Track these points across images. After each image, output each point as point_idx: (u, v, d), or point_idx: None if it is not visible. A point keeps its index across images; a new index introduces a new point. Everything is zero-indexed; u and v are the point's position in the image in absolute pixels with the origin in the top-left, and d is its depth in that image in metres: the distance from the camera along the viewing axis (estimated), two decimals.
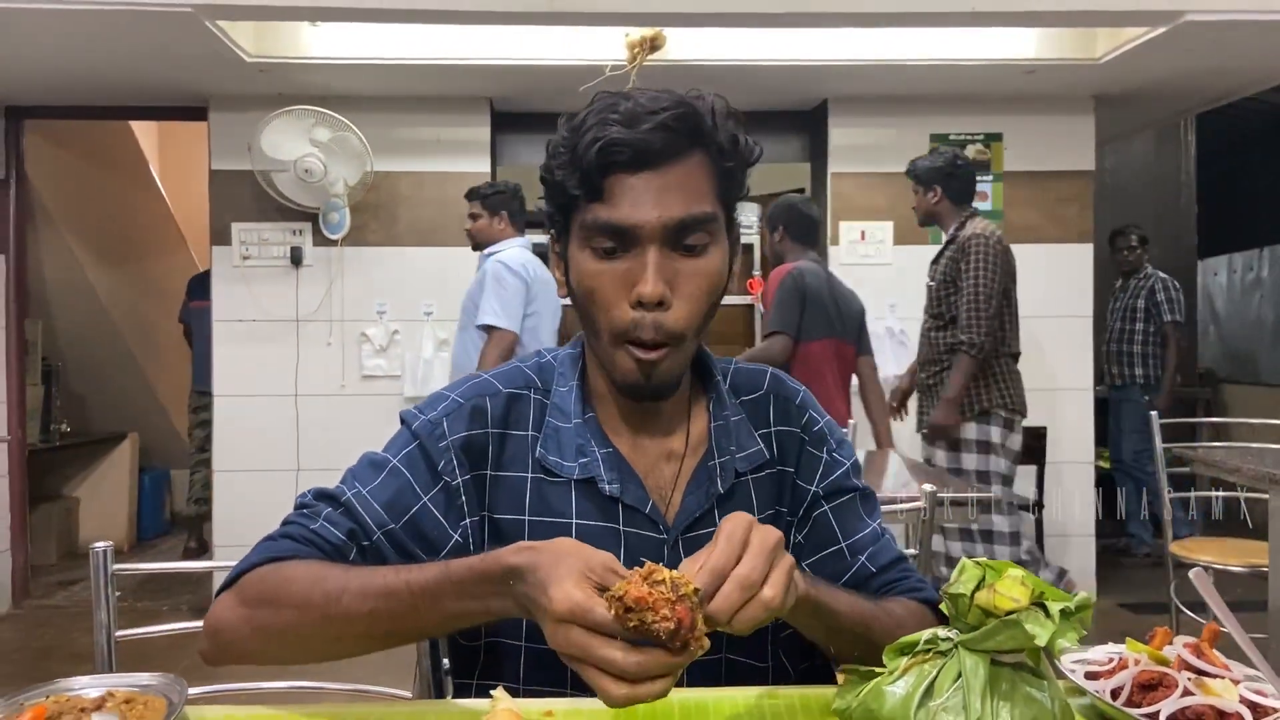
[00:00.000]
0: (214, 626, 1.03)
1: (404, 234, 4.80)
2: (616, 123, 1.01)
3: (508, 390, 1.14)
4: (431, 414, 1.12)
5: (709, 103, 1.06)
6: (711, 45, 4.25)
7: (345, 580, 0.96)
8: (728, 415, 1.16)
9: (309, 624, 0.97)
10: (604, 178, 1.02)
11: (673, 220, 1.02)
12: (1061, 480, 4.88)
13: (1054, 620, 0.83)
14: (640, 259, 1.02)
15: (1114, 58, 4.17)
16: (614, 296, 1.04)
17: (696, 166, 1.05)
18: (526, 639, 1.08)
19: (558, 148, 1.06)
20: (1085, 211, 4.92)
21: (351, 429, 4.62)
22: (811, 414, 1.21)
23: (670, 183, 1.02)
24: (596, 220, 1.03)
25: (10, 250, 4.83)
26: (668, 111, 1.02)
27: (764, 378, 1.22)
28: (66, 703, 0.91)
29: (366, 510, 1.06)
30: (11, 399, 4.84)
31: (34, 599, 4.96)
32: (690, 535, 1.10)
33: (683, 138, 1.03)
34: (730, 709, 0.96)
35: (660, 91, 1.05)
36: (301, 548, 1.04)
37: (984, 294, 3.67)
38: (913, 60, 4.31)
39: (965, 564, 0.88)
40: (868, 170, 4.89)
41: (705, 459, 1.13)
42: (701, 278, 1.05)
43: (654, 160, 1.02)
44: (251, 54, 4.11)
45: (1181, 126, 7.02)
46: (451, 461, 1.09)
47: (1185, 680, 0.89)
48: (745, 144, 1.09)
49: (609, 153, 1.01)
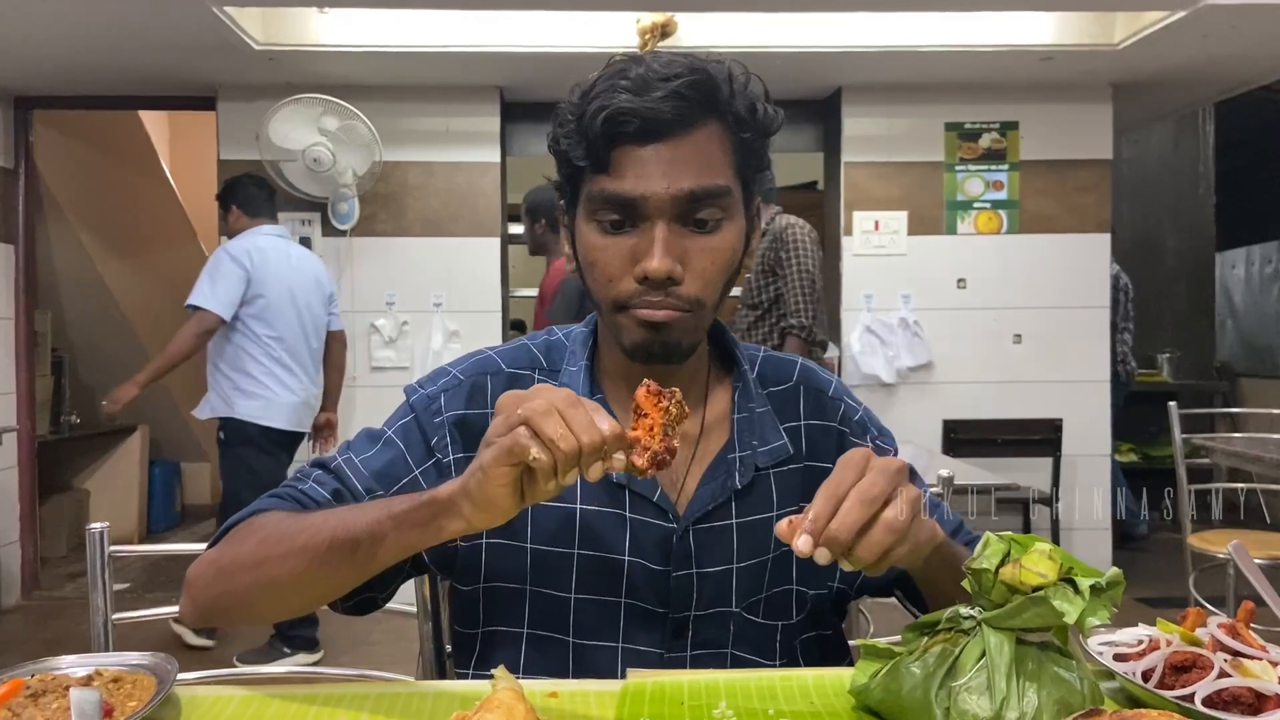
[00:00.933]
0: (187, 579, 1.02)
1: (413, 224, 4.77)
2: (625, 90, 0.96)
3: (510, 370, 1.10)
4: (430, 388, 1.09)
5: (726, 68, 1.01)
6: (723, 31, 4.21)
7: (310, 518, 0.95)
8: (753, 407, 1.10)
9: (271, 558, 0.94)
10: (610, 149, 0.97)
11: (682, 192, 0.96)
12: (1077, 472, 4.82)
13: (1083, 597, 0.78)
14: (647, 234, 0.97)
15: (1132, 44, 4.11)
16: (617, 270, 0.99)
17: (711, 137, 0.99)
18: (529, 625, 1.05)
19: (565, 115, 1.01)
20: (1103, 201, 4.86)
21: (361, 420, 4.59)
22: (848, 404, 1.17)
23: (681, 154, 0.97)
24: (603, 192, 0.98)
25: (19, 241, 4.82)
26: (681, 79, 0.96)
27: (794, 369, 1.17)
28: (52, 680, 0.88)
29: (355, 475, 1.04)
30: (21, 390, 4.84)
31: (44, 590, 4.95)
32: (702, 527, 1.05)
33: (696, 106, 0.97)
34: (742, 689, 0.92)
35: (676, 55, 0.99)
36: (284, 503, 1.03)
37: (807, 278, 3.81)
38: (927, 47, 4.26)
39: (990, 538, 0.84)
40: (882, 160, 4.84)
41: (725, 450, 1.08)
42: (713, 253, 0.99)
43: (664, 131, 0.96)
44: (260, 42, 4.08)
45: (1200, 115, 6.94)
46: (445, 438, 1.06)
47: (1221, 661, 0.84)
48: (765, 112, 1.02)
49: (615, 122, 0.96)
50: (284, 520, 0.98)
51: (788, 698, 0.91)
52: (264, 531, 0.98)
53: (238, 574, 0.97)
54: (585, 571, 1.04)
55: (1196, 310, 7.16)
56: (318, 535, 0.92)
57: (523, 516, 1.02)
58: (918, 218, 4.82)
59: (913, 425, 4.68)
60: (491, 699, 0.81)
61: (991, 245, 4.83)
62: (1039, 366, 4.83)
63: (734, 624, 1.06)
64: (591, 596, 1.04)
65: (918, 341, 4.77)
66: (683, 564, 1.04)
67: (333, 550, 0.91)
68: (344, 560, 0.91)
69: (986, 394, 4.82)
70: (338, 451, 1.09)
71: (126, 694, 0.87)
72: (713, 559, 1.05)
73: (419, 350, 4.72)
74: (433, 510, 0.86)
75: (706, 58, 1.00)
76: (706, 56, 1.01)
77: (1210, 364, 6.93)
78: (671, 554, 1.04)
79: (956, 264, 4.82)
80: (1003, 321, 4.83)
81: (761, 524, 1.07)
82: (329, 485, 1.04)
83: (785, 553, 1.07)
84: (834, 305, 4.93)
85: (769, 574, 1.08)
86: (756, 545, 1.07)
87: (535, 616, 1.05)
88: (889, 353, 4.75)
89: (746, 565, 1.07)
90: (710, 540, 1.05)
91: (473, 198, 4.78)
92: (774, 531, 0.84)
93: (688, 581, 1.04)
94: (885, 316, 4.78)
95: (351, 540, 0.90)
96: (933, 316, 4.79)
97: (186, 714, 0.89)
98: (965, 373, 4.83)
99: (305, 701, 0.91)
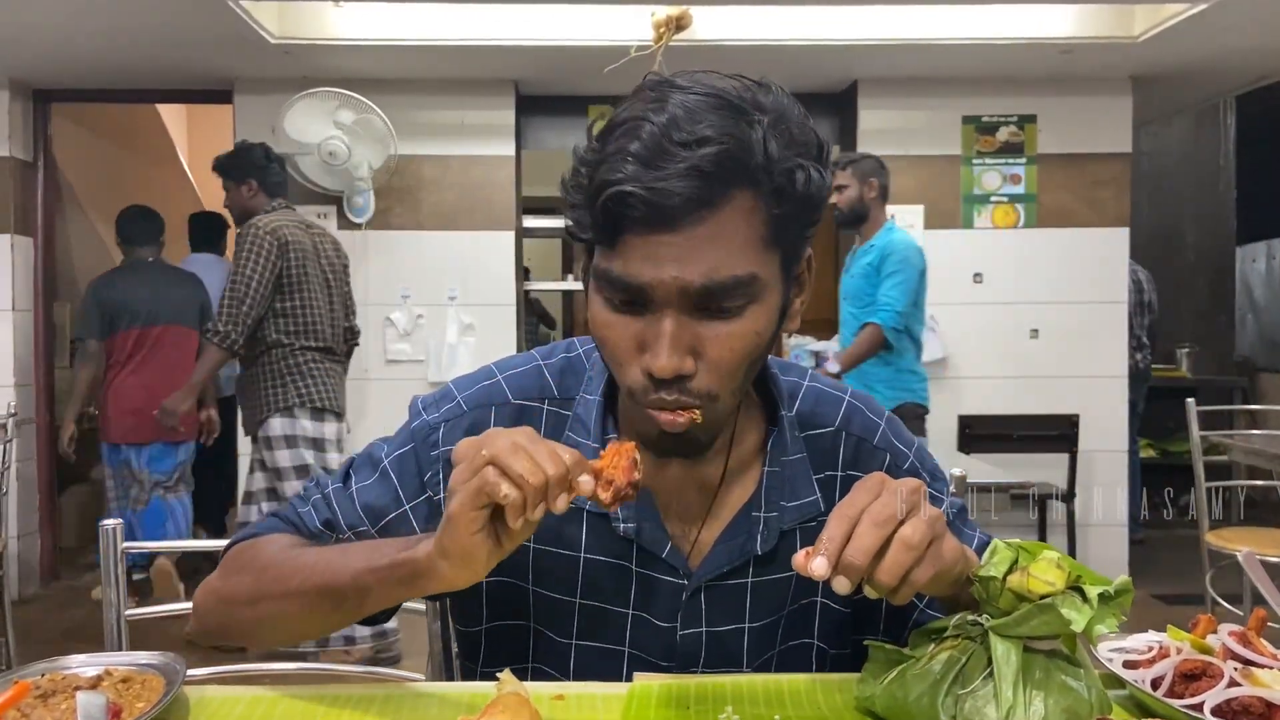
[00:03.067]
0: (194, 603, 1.03)
1: (428, 218, 4.77)
2: (634, 160, 0.81)
3: (518, 401, 1.02)
4: (433, 415, 1.03)
5: (762, 128, 0.83)
6: (739, 25, 4.19)
7: (303, 558, 0.95)
8: (786, 460, 1.00)
9: (267, 596, 0.95)
10: (616, 231, 0.84)
11: (693, 287, 0.83)
12: (1094, 469, 4.78)
13: (1091, 605, 0.78)
14: (655, 325, 0.85)
15: (1152, 36, 4.07)
16: (625, 355, 0.88)
17: (737, 212, 0.83)
18: (533, 661, 1.02)
19: (576, 171, 0.87)
20: (1122, 195, 4.82)
21: (376, 413, 4.61)
22: (896, 449, 1.06)
23: (697, 241, 0.82)
24: (609, 273, 0.85)
25: (38, 234, 4.86)
26: (705, 147, 0.80)
27: (839, 409, 1.05)
28: (62, 680, 0.89)
29: (346, 510, 1.02)
30: (39, 382, 4.88)
31: (62, 580, 5.00)
32: (715, 585, 0.98)
33: (718, 183, 0.81)
34: (749, 693, 0.92)
35: (707, 99, 0.83)
36: (284, 525, 1.03)
37: (241, 284, 3.42)
38: (945, 40, 4.23)
39: (997, 545, 0.83)
40: (898, 153, 4.80)
41: (750, 506, 0.99)
42: (731, 341, 0.86)
43: (676, 217, 0.81)
44: (275, 35, 4.09)
45: (1221, 108, 6.86)
46: (438, 475, 1.01)
47: (1231, 670, 0.84)
48: (810, 179, 0.85)
49: (620, 203, 0.81)
50: (280, 555, 0.97)
51: (794, 702, 0.91)
52: (261, 563, 0.98)
53: (237, 608, 0.98)
54: (587, 620, 1.00)
55: (1216, 305, 7.09)
56: (308, 581, 0.92)
57: (523, 559, 0.99)
58: (934, 211, 4.79)
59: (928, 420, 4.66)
60: (496, 702, 0.81)
61: (1008, 239, 4.80)
62: (1056, 362, 4.80)
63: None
64: (594, 644, 1.00)
65: (933, 336, 4.73)
66: (691, 623, 0.99)
67: (322, 598, 0.92)
68: (334, 608, 0.92)
69: (1003, 389, 4.79)
70: (340, 471, 1.07)
71: (135, 694, 0.88)
72: (724, 619, 1.00)
73: (433, 344, 4.73)
74: (411, 571, 0.85)
75: (744, 103, 0.84)
76: (746, 98, 0.85)
77: (1230, 359, 6.87)
78: (680, 612, 0.99)
79: (973, 258, 4.80)
80: (1019, 316, 4.80)
81: (781, 583, 1.00)
82: (322, 514, 1.02)
83: (803, 607, 1.02)
84: None
85: (782, 630, 1.02)
86: (772, 604, 1.01)
87: (539, 654, 1.02)
88: None
89: (760, 625, 1.01)
90: (723, 599, 0.99)
91: (488, 191, 4.78)
92: (792, 565, 0.80)
93: (695, 640, 0.99)
94: None
95: (339, 591, 0.90)
96: (949, 311, 4.76)
97: (195, 714, 0.89)
98: (981, 368, 4.80)
99: (313, 702, 0.92)
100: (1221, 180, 7.04)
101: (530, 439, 0.79)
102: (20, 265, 4.73)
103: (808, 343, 4.86)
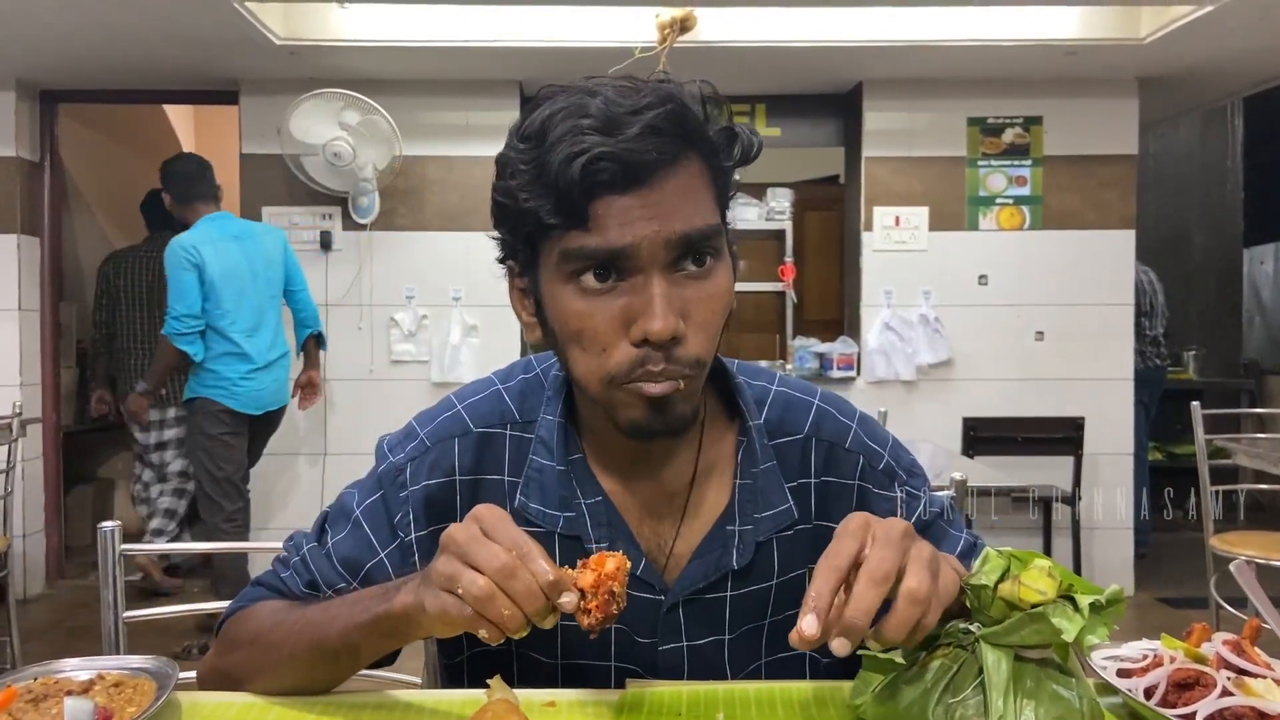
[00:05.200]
0: (197, 678, 1.04)
1: (433, 219, 4.78)
2: (592, 130, 0.82)
3: (479, 430, 1.01)
4: (398, 456, 1.02)
5: (695, 92, 0.88)
6: (743, 26, 4.18)
7: (291, 621, 0.95)
8: (757, 472, 1.00)
9: (265, 666, 0.96)
10: (587, 200, 0.83)
11: (675, 236, 0.85)
12: (1099, 472, 4.77)
13: (1083, 614, 0.77)
14: (643, 290, 0.85)
15: (1159, 37, 4.06)
16: (610, 337, 0.87)
17: (692, 171, 0.87)
18: (517, 644, 1.00)
19: (516, 167, 0.86)
20: (1127, 197, 4.80)
21: (380, 414, 4.61)
22: (868, 453, 1.05)
23: (668, 195, 0.85)
24: (583, 249, 0.85)
25: (44, 234, 4.87)
26: (653, 110, 0.84)
27: (808, 414, 1.04)
28: (54, 685, 0.89)
29: (323, 569, 1.02)
30: (46, 381, 4.89)
31: (68, 579, 5.02)
32: (692, 600, 0.99)
33: (675, 140, 0.85)
34: (741, 700, 0.92)
35: (631, 82, 0.87)
36: (269, 594, 1.04)
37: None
38: (950, 41, 4.22)
39: (989, 554, 0.83)
40: (903, 155, 4.81)
41: (724, 519, 0.99)
42: (713, 301, 0.88)
43: (646, 173, 0.84)
44: (281, 37, 4.10)
45: (1229, 110, 6.84)
46: (408, 515, 1.00)
47: (1224, 679, 0.83)
48: (745, 137, 0.91)
49: (591, 170, 0.82)
50: (269, 623, 0.97)
51: (786, 710, 0.91)
52: (251, 635, 0.98)
53: (242, 681, 0.98)
54: (570, 641, 1.00)
55: (1223, 307, 7.07)
56: (298, 646, 0.92)
57: None
58: (939, 213, 4.78)
59: (932, 423, 4.65)
60: (486, 710, 0.81)
61: (1014, 241, 4.79)
62: (1061, 364, 4.79)
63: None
64: (578, 662, 1.00)
65: (938, 338, 4.74)
66: (671, 638, 0.99)
67: (317, 660, 0.92)
68: (330, 666, 0.93)
69: (1007, 392, 4.78)
70: (315, 527, 1.06)
71: (127, 699, 0.88)
72: (703, 632, 1.00)
73: (437, 344, 4.73)
74: (391, 625, 0.86)
75: (665, 78, 0.88)
76: (664, 77, 0.89)
77: (1237, 361, 6.85)
78: (659, 627, 0.99)
79: (978, 260, 4.79)
80: (1024, 318, 4.79)
81: (760, 594, 1.01)
82: (304, 576, 1.02)
83: (788, 618, 0.98)
84: (854, 301, 4.91)
85: (766, 640, 1.02)
86: (751, 614, 1.01)
87: (524, 676, 1.02)
88: (908, 349, 4.72)
89: (738, 635, 1.01)
90: (701, 613, 1.00)
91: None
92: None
93: (677, 655, 1.00)
94: (905, 313, 4.75)
95: (331, 651, 0.91)
96: (953, 313, 4.76)
97: (187, 719, 0.89)
98: (986, 370, 4.79)
99: (305, 709, 0.92)
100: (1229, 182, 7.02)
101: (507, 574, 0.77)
102: (27, 265, 4.74)
103: (812, 344, 4.86)
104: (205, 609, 1.49)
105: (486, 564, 0.77)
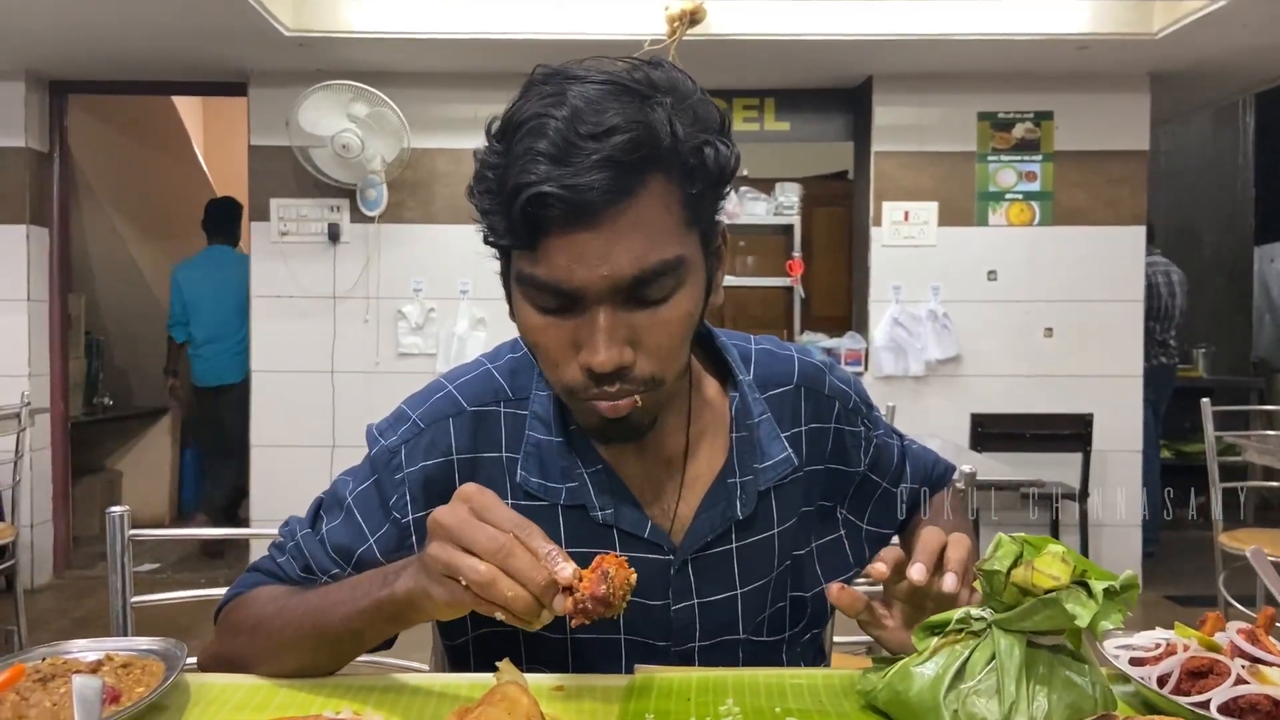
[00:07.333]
0: (199, 665, 1.04)
1: (441, 211, 4.78)
2: (545, 159, 0.79)
3: (473, 408, 1.01)
4: (391, 439, 1.01)
5: (665, 110, 0.82)
6: (752, 19, 4.17)
7: (291, 608, 0.94)
8: (753, 424, 1.02)
9: (265, 652, 0.96)
10: (535, 233, 0.82)
11: (624, 279, 0.82)
12: (1108, 469, 4.75)
13: (1096, 600, 0.77)
14: (589, 321, 0.84)
15: (1171, 32, 4.04)
16: (561, 355, 0.87)
17: (654, 198, 0.83)
18: (525, 663, 1.00)
19: (482, 176, 0.86)
20: (1138, 193, 4.77)
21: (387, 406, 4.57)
22: (843, 393, 1.10)
23: (620, 230, 0.81)
24: (534, 278, 0.84)
25: (54, 225, 4.88)
26: (613, 136, 0.79)
27: (792, 365, 1.08)
28: (62, 664, 0.89)
29: (317, 555, 1.01)
30: (54, 372, 4.90)
31: (75, 569, 5.03)
32: (700, 556, 1.00)
33: (633, 170, 0.80)
34: (750, 686, 0.91)
35: (605, 87, 0.82)
36: (266, 579, 1.03)
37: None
38: (960, 35, 4.20)
39: (1001, 539, 0.82)
40: (912, 149, 4.79)
41: (724, 474, 1.00)
42: (668, 326, 0.86)
43: (596, 210, 0.80)
44: (290, 28, 4.10)
45: (1240, 106, 6.81)
46: (404, 498, 0.99)
47: (1238, 668, 0.82)
48: (719, 155, 0.86)
49: (538, 205, 0.79)
50: (269, 609, 0.97)
51: (796, 696, 0.90)
52: (252, 622, 0.98)
53: (244, 667, 0.97)
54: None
55: (1233, 305, 7.04)
56: (301, 630, 0.92)
57: None
58: (948, 208, 4.77)
59: (940, 419, 4.64)
60: (494, 692, 0.80)
61: (1023, 237, 4.77)
62: (1070, 361, 4.77)
63: (742, 649, 1.03)
64: (589, 635, 0.98)
65: (946, 334, 4.72)
66: (682, 596, 1.00)
67: (319, 646, 0.92)
68: (332, 650, 0.93)
69: (1016, 388, 4.76)
70: (309, 513, 1.06)
71: (135, 679, 0.87)
72: (714, 588, 1.00)
73: (444, 336, 4.73)
74: (394, 610, 0.85)
75: (641, 86, 0.83)
76: (641, 80, 0.84)
77: (1247, 359, 6.82)
78: (670, 588, 0.99)
79: (987, 256, 4.77)
80: (1033, 314, 4.77)
81: (764, 543, 1.03)
82: (300, 561, 1.02)
83: (789, 567, 1.05)
84: (862, 296, 4.89)
85: (772, 591, 1.04)
86: (760, 566, 1.03)
87: (533, 653, 1.01)
88: (917, 345, 4.70)
89: (750, 589, 1.02)
90: (710, 569, 1.00)
91: None
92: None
93: (689, 613, 1.00)
94: (914, 308, 4.74)
95: (333, 636, 0.91)
96: (962, 309, 4.74)
97: (195, 700, 0.89)
98: (995, 366, 4.77)
99: (312, 691, 0.92)
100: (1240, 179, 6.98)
101: (507, 554, 0.76)
102: (36, 256, 4.75)
103: (820, 339, 4.85)
104: (211, 595, 1.49)
105: (484, 547, 0.76)
